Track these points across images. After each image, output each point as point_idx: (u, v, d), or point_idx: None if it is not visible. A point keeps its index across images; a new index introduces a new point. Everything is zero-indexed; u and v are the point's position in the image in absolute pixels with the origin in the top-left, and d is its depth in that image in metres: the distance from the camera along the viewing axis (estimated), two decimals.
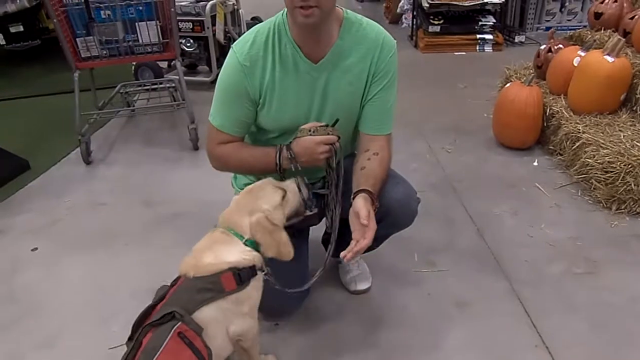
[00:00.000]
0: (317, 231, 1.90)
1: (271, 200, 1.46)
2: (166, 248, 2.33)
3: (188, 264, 1.39)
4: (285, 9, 1.55)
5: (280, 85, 1.59)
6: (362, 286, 2.00)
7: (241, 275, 1.38)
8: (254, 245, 1.43)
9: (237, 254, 1.39)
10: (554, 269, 2.11)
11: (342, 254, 1.46)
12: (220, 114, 1.65)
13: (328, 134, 1.56)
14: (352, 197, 1.54)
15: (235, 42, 1.64)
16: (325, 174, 1.67)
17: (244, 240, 1.42)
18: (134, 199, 2.77)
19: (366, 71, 1.63)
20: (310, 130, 1.56)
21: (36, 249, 2.40)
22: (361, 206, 1.48)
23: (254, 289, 1.43)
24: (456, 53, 5.14)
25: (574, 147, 2.77)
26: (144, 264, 2.25)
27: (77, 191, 2.88)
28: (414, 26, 5.49)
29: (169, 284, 1.42)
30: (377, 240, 1.85)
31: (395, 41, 1.68)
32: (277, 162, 1.59)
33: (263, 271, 1.45)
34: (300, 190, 1.55)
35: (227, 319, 1.38)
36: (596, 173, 2.57)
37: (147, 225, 2.54)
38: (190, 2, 4.10)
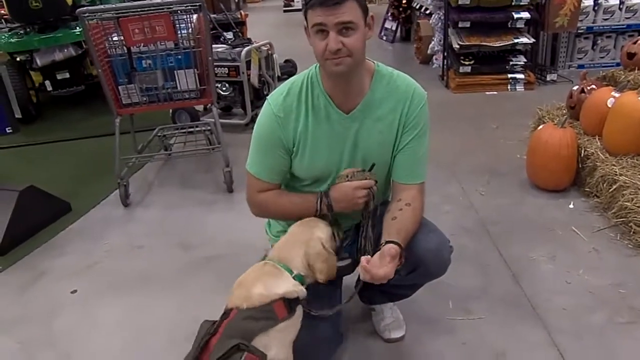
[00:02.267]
0: (348, 280, 1.90)
1: (325, 232, 1.58)
2: (202, 292, 2.37)
3: (238, 297, 1.45)
4: (317, 64, 1.61)
5: (313, 134, 1.64)
6: (396, 334, 1.98)
7: (291, 304, 1.45)
8: (301, 279, 1.51)
9: (286, 286, 1.46)
10: (595, 318, 2.05)
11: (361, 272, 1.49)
12: (257, 163, 1.70)
13: (365, 178, 1.61)
14: (381, 244, 1.54)
15: (270, 94, 1.70)
16: (358, 221, 1.70)
17: (293, 275, 1.49)
18: (170, 241, 2.83)
19: (397, 121, 1.66)
20: (347, 176, 1.61)
21: (75, 291, 2.47)
22: (386, 254, 1.48)
23: (298, 319, 1.49)
24: (488, 93, 5.15)
25: (611, 190, 2.71)
26: (180, 309, 2.28)
27: (115, 234, 2.97)
28: (445, 66, 5.53)
29: (211, 320, 1.48)
30: (411, 289, 1.85)
31: (426, 92, 1.71)
32: (318, 208, 1.64)
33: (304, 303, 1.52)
34: (335, 237, 1.59)
35: (276, 346, 1.43)
36: (635, 216, 2.52)
37: (183, 268, 2.59)
38: (227, 49, 4.26)
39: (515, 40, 5.08)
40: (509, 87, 5.20)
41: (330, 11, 1.43)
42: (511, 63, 5.20)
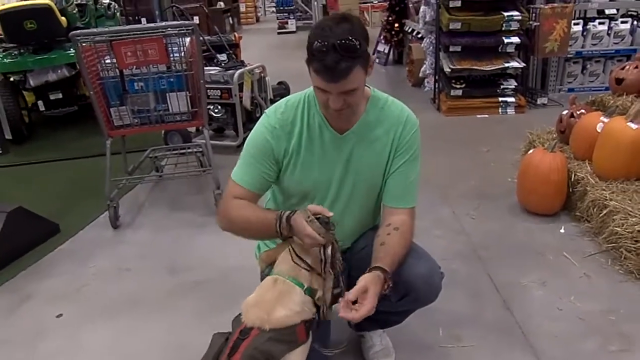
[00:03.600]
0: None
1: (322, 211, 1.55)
2: (191, 316, 2.34)
3: (259, 317, 1.44)
4: None
5: (306, 151, 1.66)
6: None
7: (309, 327, 1.48)
8: (311, 292, 1.51)
9: (303, 306, 1.48)
10: (587, 346, 2.03)
11: (339, 308, 1.46)
12: (243, 169, 1.69)
13: (319, 234, 1.48)
14: (367, 270, 1.53)
15: (269, 108, 1.73)
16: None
17: (304, 288, 1.50)
18: (158, 264, 2.80)
19: (389, 145, 1.68)
20: (309, 217, 1.50)
21: (61, 315, 2.43)
22: (369, 284, 1.46)
23: (309, 342, 1.51)
24: (479, 116, 5.19)
25: (601, 215, 2.72)
26: (168, 333, 2.25)
27: (104, 256, 2.93)
28: (437, 89, 5.58)
29: (222, 333, 1.50)
30: (402, 315, 1.84)
31: (418, 120, 1.73)
32: (277, 228, 1.56)
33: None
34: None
35: None
36: (626, 242, 2.52)
37: (172, 291, 2.55)
38: (219, 71, 4.28)
39: (506, 65, 5.14)
40: (500, 111, 5.25)
41: (335, 84, 1.47)
42: (502, 87, 5.25)
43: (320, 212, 1.52)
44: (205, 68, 3.82)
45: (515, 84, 5.28)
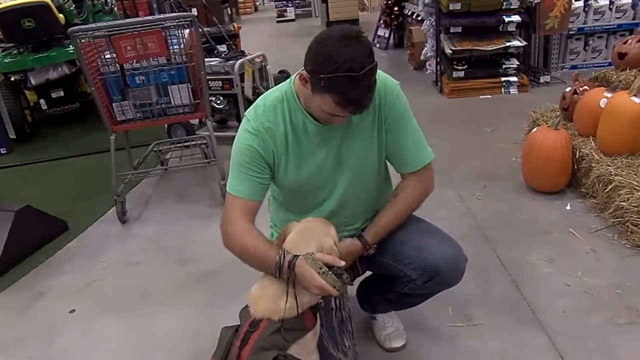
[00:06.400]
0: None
1: (336, 235, 1.57)
2: (202, 307, 2.36)
3: (267, 309, 1.45)
4: (292, 79, 1.60)
5: (294, 148, 1.62)
6: (397, 343, 1.98)
7: (317, 311, 1.51)
8: None
9: (306, 295, 1.47)
10: (595, 320, 2.04)
11: None
12: (236, 180, 1.61)
13: (335, 286, 1.41)
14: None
15: (247, 110, 1.66)
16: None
17: None
18: (168, 257, 2.83)
19: (375, 121, 1.64)
20: (321, 269, 1.41)
21: (74, 310, 2.46)
22: (342, 250, 1.56)
23: (318, 325, 1.54)
24: (482, 97, 5.16)
25: (606, 190, 2.72)
26: (180, 324, 2.27)
27: (113, 251, 2.96)
28: (439, 72, 5.55)
29: (230, 326, 1.51)
30: (422, 298, 1.86)
31: (398, 82, 1.68)
32: (277, 273, 1.47)
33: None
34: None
35: (306, 353, 1.47)
36: (632, 216, 2.52)
37: (182, 283, 2.58)
38: (220, 62, 4.27)
39: (508, 44, 5.10)
40: (502, 91, 5.22)
41: (356, 114, 1.47)
42: (504, 66, 5.22)
43: (332, 263, 1.44)
44: (206, 59, 3.81)
45: (518, 63, 5.24)
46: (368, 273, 1.90)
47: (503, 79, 5.21)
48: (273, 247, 1.51)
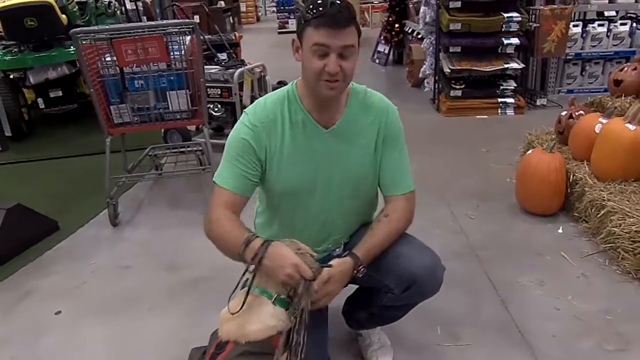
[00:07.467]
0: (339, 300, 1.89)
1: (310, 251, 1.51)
2: (190, 314, 2.34)
3: (233, 331, 1.42)
4: (295, 81, 1.65)
5: (290, 148, 1.63)
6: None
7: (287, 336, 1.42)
8: (283, 303, 1.47)
9: (275, 318, 1.43)
10: (584, 345, 2.04)
11: None
12: (225, 171, 1.63)
13: (311, 268, 1.43)
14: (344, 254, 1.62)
15: (248, 107, 1.70)
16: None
17: (272, 299, 1.45)
18: (158, 262, 2.80)
19: (375, 136, 1.68)
20: (300, 249, 1.47)
21: (60, 312, 2.43)
22: (335, 269, 1.53)
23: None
24: (478, 116, 5.20)
25: (599, 215, 2.73)
26: (168, 330, 2.25)
27: (103, 253, 2.94)
28: (436, 90, 5.59)
29: (199, 347, 1.49)
30: (402, 310, 1.84)
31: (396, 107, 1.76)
32: (245, 243, 1.50)
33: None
34: None
35: None
36: (623, 242, 2.53)
37: (171, 289, 2.56)
38: (220, 70, 4.29)
39: (506, 65, 5.16)
40: (499, 111, 5.26)
41: (336, 33, 1.47)
42: (501, 87, 5.27)
43: (308, 252, 1.49)
44: (206, 67, 3.83)
45: (515, 85, 5.30)
46: (353, 288, 1.89)
47: (500, 100, 5.26)
48: (247, 230, 1.55)
